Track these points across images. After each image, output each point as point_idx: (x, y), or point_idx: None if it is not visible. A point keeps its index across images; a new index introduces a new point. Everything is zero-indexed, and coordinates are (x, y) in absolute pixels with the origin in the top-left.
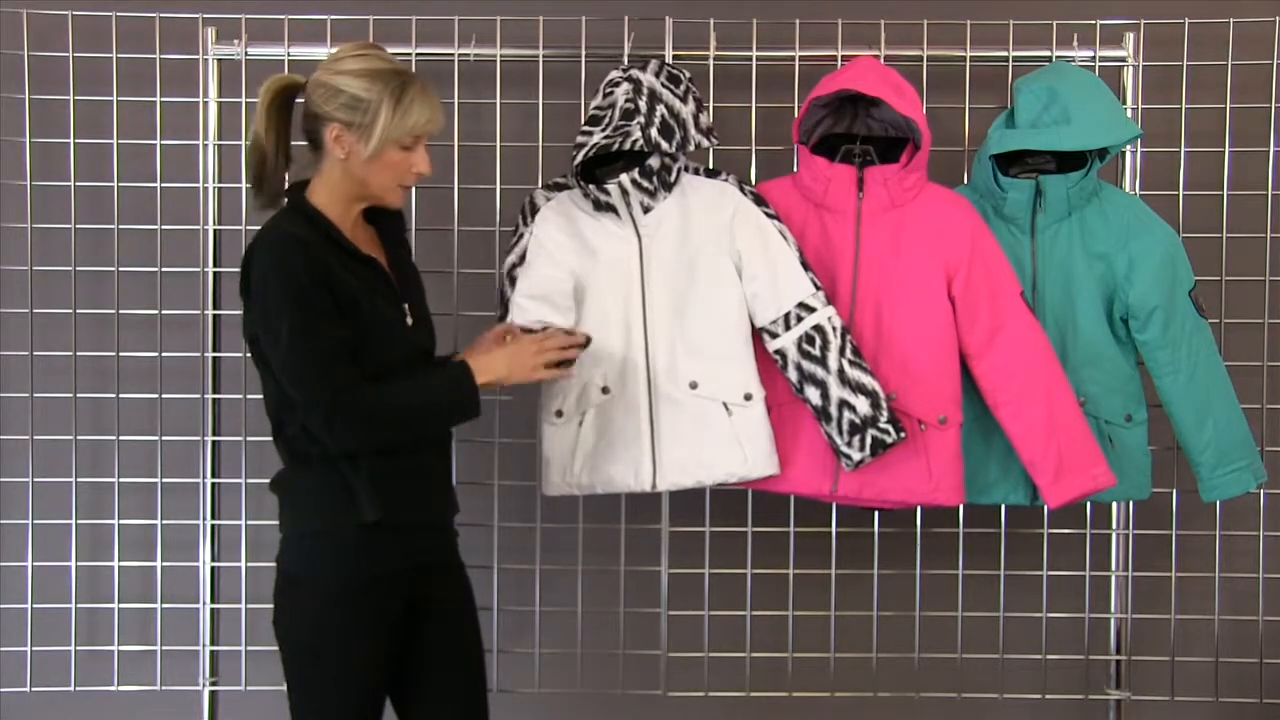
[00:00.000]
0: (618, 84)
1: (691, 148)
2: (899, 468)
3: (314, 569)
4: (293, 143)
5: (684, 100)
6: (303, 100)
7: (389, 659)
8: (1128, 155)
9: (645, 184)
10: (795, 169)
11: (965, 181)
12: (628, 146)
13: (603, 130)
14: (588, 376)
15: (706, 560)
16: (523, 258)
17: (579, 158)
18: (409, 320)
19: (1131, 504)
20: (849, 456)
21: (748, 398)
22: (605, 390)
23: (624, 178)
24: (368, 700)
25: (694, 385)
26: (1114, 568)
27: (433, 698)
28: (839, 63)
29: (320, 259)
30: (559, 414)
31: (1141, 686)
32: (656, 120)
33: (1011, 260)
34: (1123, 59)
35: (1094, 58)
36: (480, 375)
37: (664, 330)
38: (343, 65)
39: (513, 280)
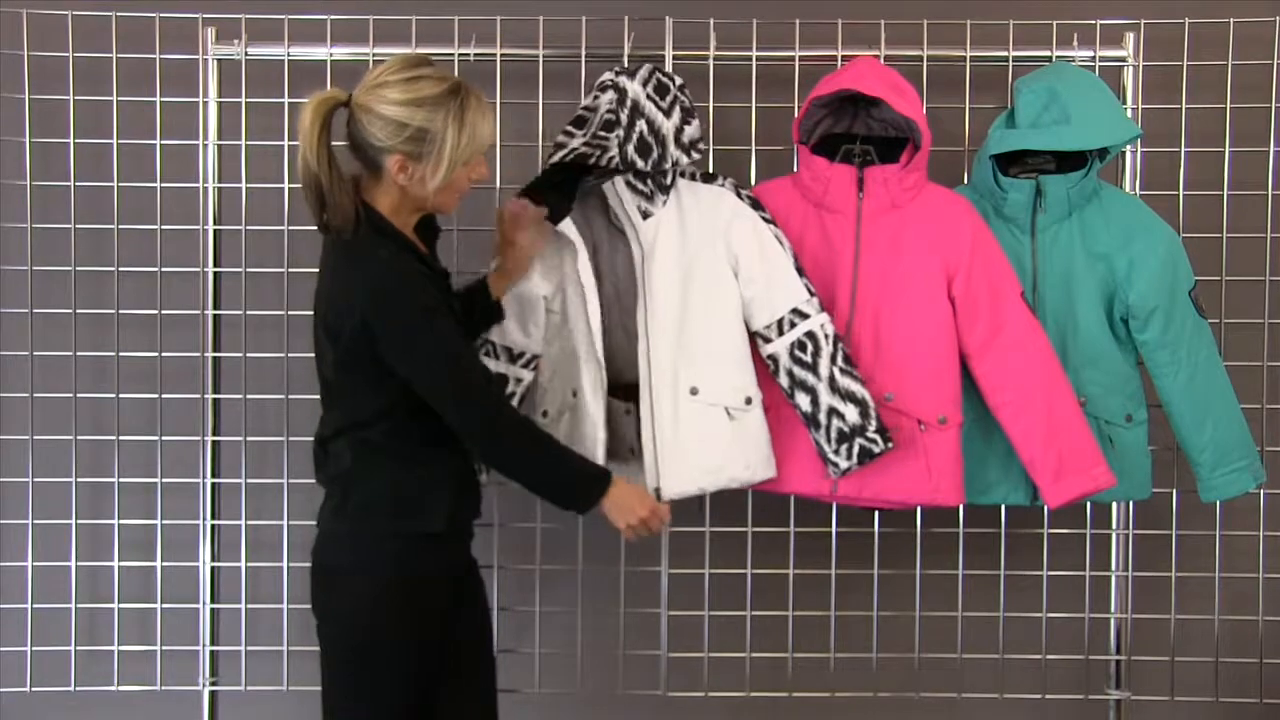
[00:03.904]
0: (606, 89)
1: (668, 165)
2: (899, 468)
3: (367, 568)
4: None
5: (668, 114)
6: (351, 124)
7: (432, 655)
8: (1128, 155)
9: (640, 186)
10: (795, 169)
11: (965, 181)
12: (604, 163)
13: (584, 135)
14: (576, 383)
15: (706, 560)
16: None
17: (555, 158)
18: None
19: (1131, 504)
20: (836, 464)
21: (748, 401)
22: (574, 394)
23: (618, 180)
24: (414, 698)
25: (694, 391)
26: (1114, 568)
27: (451, 695)
28: (839, 63)
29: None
30: (544, 414)
31: (1141, 686)
32: (634, 137)
33: (1011, 260)
34: (1123, 59)
35: (1094, 58)
36: (610, 496)
37: (663, 336)
38: (396, 94)
39: None
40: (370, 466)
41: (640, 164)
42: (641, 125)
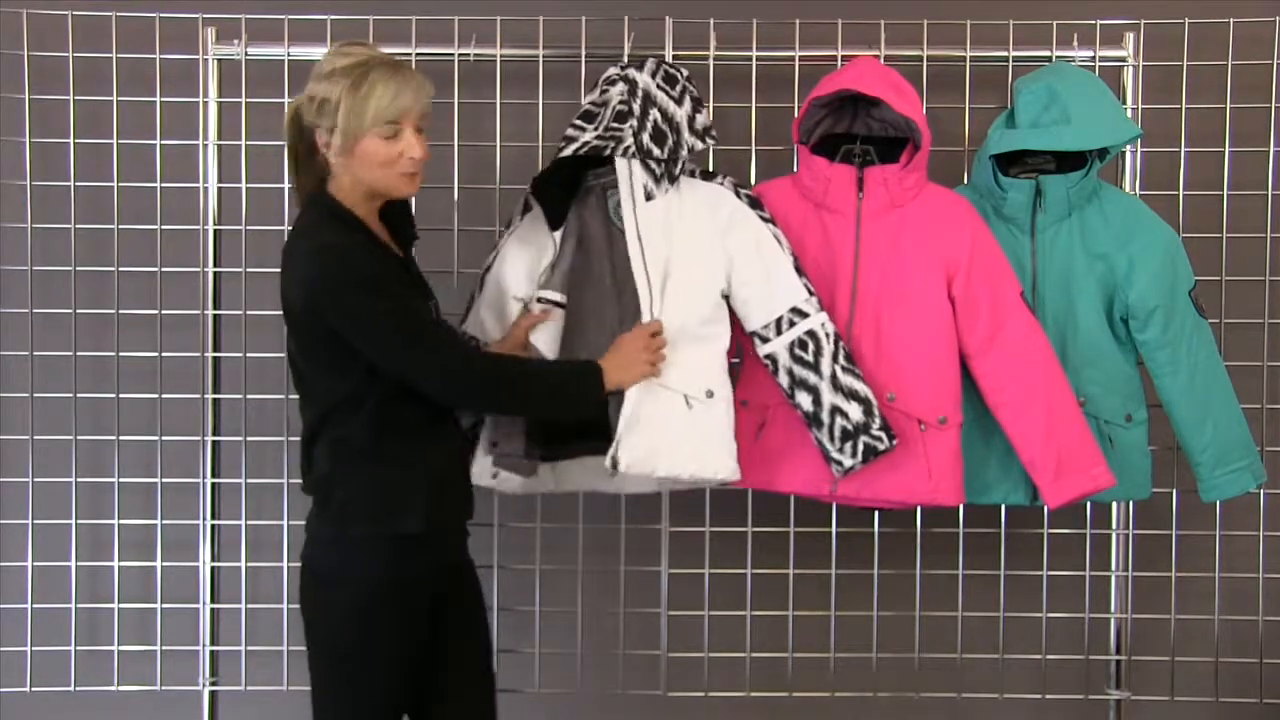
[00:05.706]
0: (614, 82)
1: (684, 152)
2: (899, 468)
3: (351, 570)
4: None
5: (679, 102)
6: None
7: (419, 655)
8: (1128, 155)
9: (654, 167)
10: (795, 169)
11: (965, 181)
12: (619, 153)
13: (595, 129)
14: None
15: (706, 560)
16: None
17: (568, 151)
18: (434, 316)
19: (1131, 504)
20: (839, 463)
21: (709, 394)
22: None
23: (634, 160)
24: (400, 698)
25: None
26: (1114, 568)
27: (448, 696)
28: (839, 63)
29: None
30: None
31: (1141, 686)
32: (649, 126)
33: (1011, 260)
34: (1123, 59)
35: (1094, 58)
36: (610, 375)
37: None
38: (316, 71)
39: (481, 284)
40: (348, 468)
41: (657, 152)
42: (655, 114)
